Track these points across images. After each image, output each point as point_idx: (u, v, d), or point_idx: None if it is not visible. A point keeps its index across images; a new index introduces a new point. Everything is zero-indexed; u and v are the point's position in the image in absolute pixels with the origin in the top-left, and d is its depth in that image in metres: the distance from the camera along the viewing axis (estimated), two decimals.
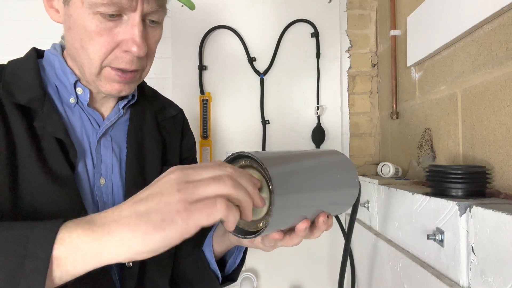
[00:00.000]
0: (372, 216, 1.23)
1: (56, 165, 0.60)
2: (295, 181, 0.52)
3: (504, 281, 0.58)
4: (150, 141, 0.74)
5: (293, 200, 0.52)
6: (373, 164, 1.59)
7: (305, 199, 0.54)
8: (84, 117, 0.68)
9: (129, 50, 0.60)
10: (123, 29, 0.60)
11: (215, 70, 1.57)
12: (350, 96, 1.60)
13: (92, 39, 0.59)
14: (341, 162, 0.64)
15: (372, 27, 1.61)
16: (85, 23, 0.58)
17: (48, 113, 0.62)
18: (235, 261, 0.77)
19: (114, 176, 0.68)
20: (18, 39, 1.55)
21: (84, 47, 0.60)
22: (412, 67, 1.24)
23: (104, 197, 0.66)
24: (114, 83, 0.64)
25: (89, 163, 0.66)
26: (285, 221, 0.53)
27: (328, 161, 0.62)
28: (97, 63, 0.61)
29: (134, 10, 0.59)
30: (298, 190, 0.52)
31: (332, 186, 0.60)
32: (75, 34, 0.61)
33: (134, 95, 0.74)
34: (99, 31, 0.58)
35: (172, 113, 0.82)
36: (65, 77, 0.67)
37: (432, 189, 0.85)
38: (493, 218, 0.60)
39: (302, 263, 1.53)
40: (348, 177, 0.63)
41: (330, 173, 0.60)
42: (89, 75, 0.63)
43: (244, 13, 1.56)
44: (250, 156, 0.50)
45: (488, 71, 0.84)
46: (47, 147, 0.60)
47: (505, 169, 0.79)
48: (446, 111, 1.02)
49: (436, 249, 0.78)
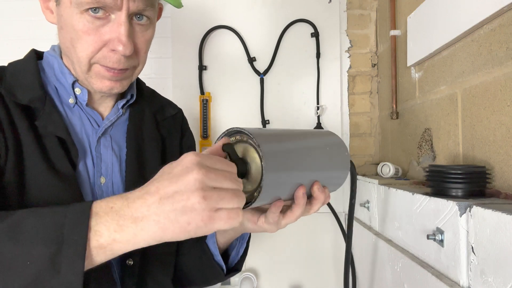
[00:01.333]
0: (372, 216, 1.23)
1: (59, 163, 0.61)
2: (286, 154, 0.55)
3: (504, 281, 0.58)
4: (150, 140, 0.74)
5: (285, 165, 0.55)
6: (373, 164, 1.59)
7: (297, 170, 0.57)
8: (84, 117, 0.68)
9: (115, 49, 0.61)
10: (110, 28, 0.60)
11: (215, 70, 1.57)
12: (350, 96, 1.60)
13: (80, 38, 0.60)
14: (333, 140, 0.66)
15: (372, 27, 1.61)
16: (74, 22, 0.60)
17: (49, 113, 0.63)
18: (237, 252, 0.77)
19: (114, 175, 0.69)
20: (18, 39, 1.55)
21: (74, 46, 0.62)
22: (412, 67, 1.24)
23: (104, 196, 0.66)
24: (105, 80, 0.64)
25: (89, 162, 0.66)
26: (280, 188, 0.55)
27: (319, 137, 0.64)
28: (85, 61, 0.62)
29: (120, 9, 0.59)
30: (289, 163, 0.55)
31: (323, 160, 0.62)
32: (66, 33, 0.62)
33: (133, 94, 0.74)
34: (86, 30, 0.60)
35: (171, 112, 0.83)
36: (63, 78, 0.68)
37: (432, 189, 0.85)
38: (493, 218, 0.60)
39: (302, 263, 1.53)
40: (338, 152, 0.65)
41: (321, 148, 0.62)
42: (80, 72, 0.64)
43: (244, 13, 1.56)
44: (244, 132, 0.54)
45: (488, 71, 0.84)
46: (49, 146, 0.61)
47: (505, 169, 0.79)
48: (446, 111, 1.02)
49: (436, 249, 0.78)
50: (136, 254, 0.66)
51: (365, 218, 1.31)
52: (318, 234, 1.54)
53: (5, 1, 1.55)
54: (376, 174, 1.44)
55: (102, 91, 0.66)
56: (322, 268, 1.54)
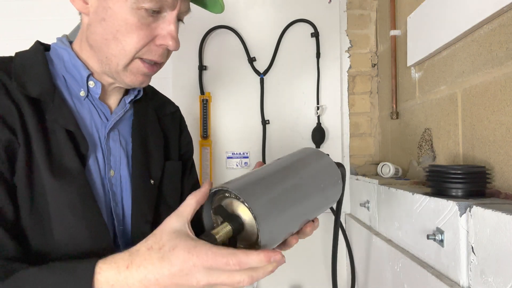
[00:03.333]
0: (372, 216, 1.23)
1: (67, 158, 0.61)
2: (279, 206, 0.54)
3: (504, 281, 0.58)
4: (153, 136, 0.76)
5: (279, 226, 0.54)
6: (373, 164, 1.59)
7: (290, 221, 0.57)
8: (93, 109, 0.69)
9: (165, 44, 0.64)
10: (161, 25, 0.64)
11: (215, 70, 1.57)
12: (350, 96, 1.60)
13: (131, 31, 0.62)
14: (323, 166, 0.64)
15: (372, 27, 1.61)
16: (127, 16, 0.61)
17: (58, 106, 0.63)
18: None
19: (122, 169, 0.70)
20: (18, 39, 1.55)
21: (118, 38, 0.62)
22: (412, 67, 1.24)
23: (114, 188, 0.67)
24: (139, 74, 0.66)
25: (99, 155, 0.67)
26: (276, 241, 0.56)
27: (309, 170, 0.62)
28: (130, 54, 0.63)
29: (174, 9, 0.63)
30: (283, 216, 0.55)
31: (316, 196, 0.61)
32: (109, 25, 0.62)
33: (140, 90, 0.76)
34: (140, 25, 0.61)
35: (171, 109, 0.85)
36: (75, 70, 0.68)
37: (432, 189, 0.85)
38: (493, 218, 0.60)
39: (302, 263, 1.53)
40: (330, 179, 0.64)
41: (313, 184, 0.61)
42: (116, 65, 0.65)
43: (244, 13, 1.56)
44: (233, 193, 0.53)
45: (488, 71, 0.84)
46: (58, 140, 0.62)
47: (505, 169, 0.79)
48: (446, 111, 1.02)
49: (436, 249, 0.78)
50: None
51: (365, 218, 1.31)
52: (318, 234, 1.54)
53: (5, 1, 1.55)
54: (376, 174, 1.44)
55: (132, 85, 0.68)
56: (322, 268, 1.54)
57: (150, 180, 0.71)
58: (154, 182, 0.72)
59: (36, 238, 0.58)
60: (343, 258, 1.55)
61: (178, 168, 0.80)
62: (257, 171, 0.57)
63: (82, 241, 0.60)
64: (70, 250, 0.59)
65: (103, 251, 0.58)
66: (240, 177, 0.55)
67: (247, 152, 1.57)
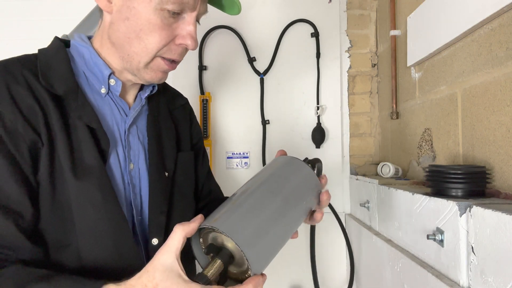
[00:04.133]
0: (372, 216, 1.23)
1: (88, 155, 0.63)
2: (264, 236, 0.58)
3: (504, 281, 0.58)
4: (166, 129, 0.79)
5: (266, 250, 0.58)
6: (373, 164, 1.59)
7: (276, 241, 0.60)
8: (113, 106, 0.71)
9: (184, 43, 0.68)
10: (181, 26, 0.67)
11: (215, 70, 1.57)
12: (350, 96, 1.60)
13: (154, 31, 0.64)
14: (303, 178, 0.68)
15: (372, 27, 1.61)
16: (150, 16, 0.63)
17: (82, 104, 0.65)
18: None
19: (140, 162, 0.72)
20: (18, 39, 1.55)
21: (141, 37, 0.65)
22: (412, 67, 1.24)
23: (134, 180, 0.70)
24: (159, 71, 0.70)
25: (120, 150, 0.69)
26: (265, 264, 0.60)
27: (289, 187, 0.65)
28: (152, 53, 0.66)
29: (194, 10, 0.66)
30: (268, 240, 0.58)
31: (299, 211, 0.65)
32: (133, 24, 0.64)
33: (155, 86, 0.78)
34: (162, 25, 0.64)
35: (181, 102, 0.88)
36: (96, 68, 0.69)
37: (432, 189, 0.85)
38: (493, 218, 0.60)
39: (302, 263, 1.53)
40: (311, 191, 0.68)
41: (295, 202, 0.64)
42: (137, 63, 0.67)
43: (244, 13, 1.56)
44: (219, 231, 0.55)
45: (488, 71, 0.84)
46: (80, 137, 0.63)
47: (505, 169, 0.79)
48: (446, 111, 1.02)
49: (436, 249, 0.78)
50: (159, 234, 0.70)
51: (365, 218, 1.31)
52: (318, 234, 1.54)
53: (5, 1, 1.55)
54: (376, 174, 1.44)
55: (152, 81, 0.71)
56: (322, 268, 1.54)
57: (165, 173, 0.74)
58: (168, 174, 0.75)
59: (57, 233, 0.61)
60: (343, 258, 1.55)
61: (190, 159, 0.83)
62: (240, 200, 0.60)
63: (103, 234, 0.63)
64: (91, 243, 0.62)
65: (123, 242, 0.64)
66: (225, 210, 0.59)
67: (247, 152, 1.57)
